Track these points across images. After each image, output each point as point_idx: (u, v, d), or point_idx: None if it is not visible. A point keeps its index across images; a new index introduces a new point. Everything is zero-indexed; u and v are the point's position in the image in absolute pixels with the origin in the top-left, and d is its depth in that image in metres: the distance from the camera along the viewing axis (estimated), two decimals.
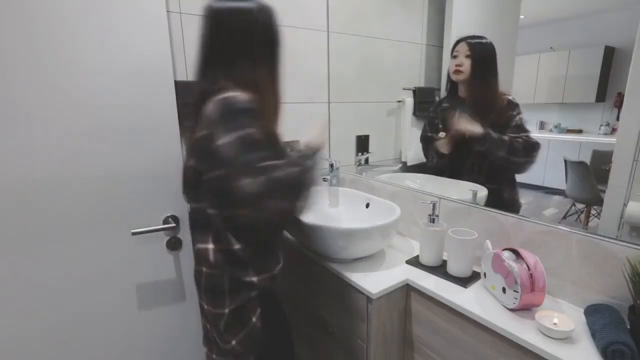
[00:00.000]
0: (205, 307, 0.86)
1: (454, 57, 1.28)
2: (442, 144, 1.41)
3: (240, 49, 0.81)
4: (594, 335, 0.75)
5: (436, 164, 1.46)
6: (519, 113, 1.17)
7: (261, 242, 0.85)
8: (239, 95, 0.74)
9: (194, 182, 0.80)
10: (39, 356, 1.07)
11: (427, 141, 1.51)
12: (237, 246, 0.81)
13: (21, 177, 0.97)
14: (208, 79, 0.82)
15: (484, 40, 1.24)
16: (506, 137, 1.17)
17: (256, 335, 0.86)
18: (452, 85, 1.31)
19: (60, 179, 1.01)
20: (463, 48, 1.25)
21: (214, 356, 0.92)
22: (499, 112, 1.20)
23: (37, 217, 1.00)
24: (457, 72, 1.26)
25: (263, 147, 0.73)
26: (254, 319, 0.85)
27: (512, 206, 1.18)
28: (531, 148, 1.15)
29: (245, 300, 0.84)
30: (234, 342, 0.84)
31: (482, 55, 1.23)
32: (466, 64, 1.24)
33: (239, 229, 0.80)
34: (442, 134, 1.41)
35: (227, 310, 0.83)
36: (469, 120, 1.23)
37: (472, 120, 1.22)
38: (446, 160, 1.40)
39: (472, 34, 1.26)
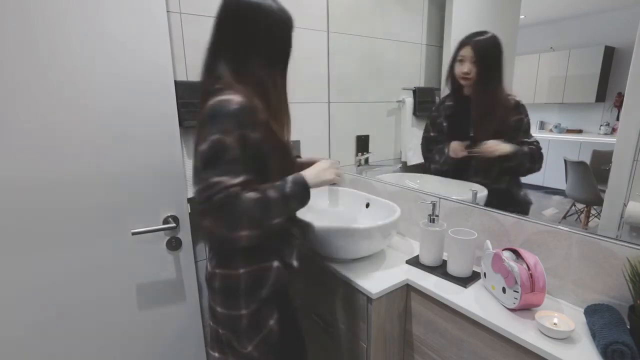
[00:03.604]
0: (219, 309, 0.85)
1: (459, 61, 1.23)
2: (456, 150, 1.33)
3: (249, 44, 0.80)
4: (594, 335, 0.75)
5: (442, 166, 1.40)
6: (527, 115, 1.14)
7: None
8: (231, 99, 0.72)
9: None
10: (38, 356, 1.06)
11: (429, 142, 1.46)
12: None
13: (21, 177, 0.97)
14: (213, 75, 0.81)
15: (488, 37, 1.18)
16: (527, 148, 1.14)
17: (273, 339, 0.85)
18: (457, 85, 1.26)
19: (60, 179, 1.01)
20: (468, 53, 1.20)
21: None
22: (505, 114, 1.17)
23: (37, 217, 1.00)
24: (465, 78, 1.22)
25: (232, 158, 0.71)
26: (271, 322, 0.85)
27: (523, 204, 1.15)
28: (541, 154, 1.13)
29: (260, 302, 0.83)
30: (250, 348, 0.84)
31: (490, 58, 1.19)
32: (474, 70, 1.20)
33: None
34: (458, 143, 1.33)
35: (243, 312, 0.82)
36: (496, 142, 1.16)
37: (499, 140, 1.16)
38: (451, 162, 1.36)
39: (475, 32, 1.21)
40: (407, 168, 1.67)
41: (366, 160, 1.68)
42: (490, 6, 1.41)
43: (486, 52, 1.19)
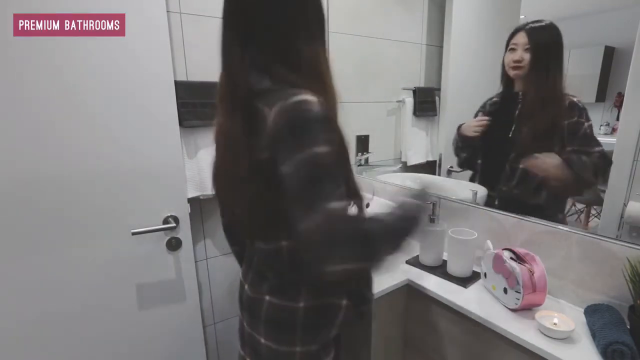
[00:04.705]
0: (263, 341, 0.72)
1: (511, 49, 1.12)
2: (469, 129, 1.23)
3: (294, 19, 0.64)
4: (594, 335, 0.75)
5: (463, 158, 1.31)
6: (587, 120, 0.99)
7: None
8: (311, 100, 0.57)
9: (268, 216, 0.66)
10: (38, 355, 1.06)
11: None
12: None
13: (20, 177, 0.97)
14: (254, 68, 0.64)
15: (545, 25, 1.07)
16: (586, 158, 0.99)
17: None
18: (508, 79, 1.16)
19: (60, 179, 1.01)
20: (522, 40, 1.09)
21: None
22: (559, 115, 1.04)
23: (37, 217, 1.00)
24: (516, 68, 1.11)
25: (338, 175, 0.57)
26: None
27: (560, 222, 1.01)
28: (607, 165, 0.95)
29: (322, 342, 0.71)
30: None
31: (545, 46, 1.08)
32: (526, 59, 1.08)
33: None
34: (480, 119, 1.22)
35: (297, 350, 0.69)
36: (538, 156, 1.01)
37: (543, 155, 1.02)
38: (478, 164, 1.26)
39: (532, 20, 1.10)
40: (407, 168, 1.67)
41: (366, 160, 1.68)
42: (490, 6, 1.41)
43: (542, 38, 1.08)
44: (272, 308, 0.71)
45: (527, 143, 1.09)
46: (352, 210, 0.65)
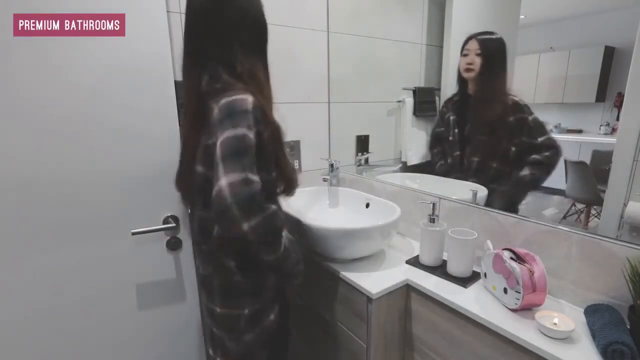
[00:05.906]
0: (218, 310, 0.86)
1: (464, 55, 1.28)
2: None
3: (236, 34, 0.79)
4: (594, 335, 0.75)
5: (439, 168, 1.46)
6: (530, 114, 1.14)
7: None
8: (245, 98, 0.73)
9: (207, 190, 0.76)
10: (38, 355, 1.06)
11: (436, 137, 1.50)
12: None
13: (21, 177, 0.97)
14: (205, 74, 0.80)
15: (494, 37, 1.23)
16: (527, 173, 1.15)
17: (270, 330, 0.88)
18: (462, 81, 1.31)
19: (60, 179, 1.01)
20: (473, 46, 1.24)
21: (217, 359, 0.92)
22: (504, 113, 1.20)
23: (37, 217, 1.00)
24: (468, 70, 1.26)
25: (251, 153, 0.71)
26: (272, 317, 0.88)
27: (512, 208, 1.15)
28: (555, 158, 1.10)
29: (263, 302, 0.87)
30: (248, 338, 0.86)
31: (493, 53, 1.23)
32: (477, 62, 1.24)
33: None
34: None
35: (246, 312, 0.84)
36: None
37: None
38: (456, 161, 1.39)
39: (481, 31, 1.25)
40: (407, 168, 1.67)
41: (366, 160, 1.68)
42: (490, 6, 1.41)
43: (490, 45, 1.23)
44: (220, 280, 0.85)
45: (479, 138, 1.27)
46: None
